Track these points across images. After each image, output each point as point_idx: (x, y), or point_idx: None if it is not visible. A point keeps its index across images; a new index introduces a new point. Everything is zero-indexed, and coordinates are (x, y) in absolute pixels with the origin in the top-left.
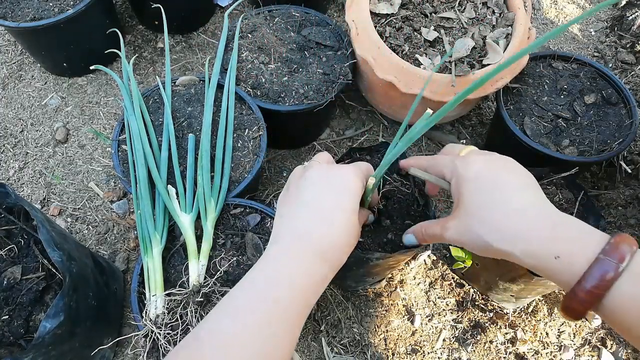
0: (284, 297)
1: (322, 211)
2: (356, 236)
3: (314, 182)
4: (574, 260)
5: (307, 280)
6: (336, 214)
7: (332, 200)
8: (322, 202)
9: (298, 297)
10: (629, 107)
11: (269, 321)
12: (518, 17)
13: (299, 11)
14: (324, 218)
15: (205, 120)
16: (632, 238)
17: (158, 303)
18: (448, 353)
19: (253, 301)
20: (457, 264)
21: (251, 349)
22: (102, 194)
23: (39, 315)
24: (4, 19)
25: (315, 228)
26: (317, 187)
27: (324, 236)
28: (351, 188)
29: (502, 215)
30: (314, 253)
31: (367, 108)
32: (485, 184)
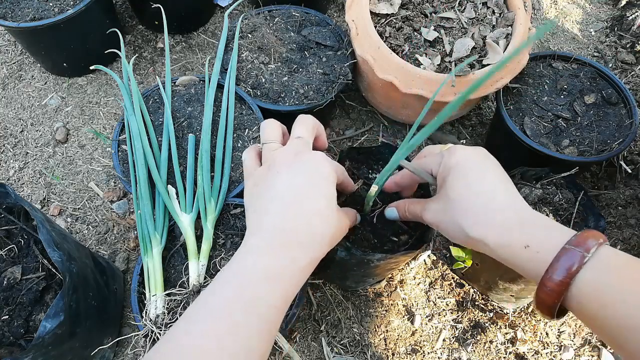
0: (262, 296)
1: (296, 203)
2: (338, 227)
3: (283, 170)
4: (542, 249)
5: (285, 277)
6: (310, 203)
7: (305, 188)
8: (294, 190)
9: (276, 295)
10: (629, 107)
11: (247, 322)
12: (518, 17)
13: (299, 11)
14: (299, 210)
15: (205, 120)
16: (600, 233)
17: (158, 303)
18: (448, 353)
19: (230, 302)
20: (457, 264)
21: (229, 350)
22: (102, 194)
23: (39, 315)
24: (4, 19)
25: (290, 221)
26: (286, 175)
27: (300, 230)
28: (323, 173)
29: (479, 204)
30: (291, 248)
31: (367, 108)
32: (468, 171)
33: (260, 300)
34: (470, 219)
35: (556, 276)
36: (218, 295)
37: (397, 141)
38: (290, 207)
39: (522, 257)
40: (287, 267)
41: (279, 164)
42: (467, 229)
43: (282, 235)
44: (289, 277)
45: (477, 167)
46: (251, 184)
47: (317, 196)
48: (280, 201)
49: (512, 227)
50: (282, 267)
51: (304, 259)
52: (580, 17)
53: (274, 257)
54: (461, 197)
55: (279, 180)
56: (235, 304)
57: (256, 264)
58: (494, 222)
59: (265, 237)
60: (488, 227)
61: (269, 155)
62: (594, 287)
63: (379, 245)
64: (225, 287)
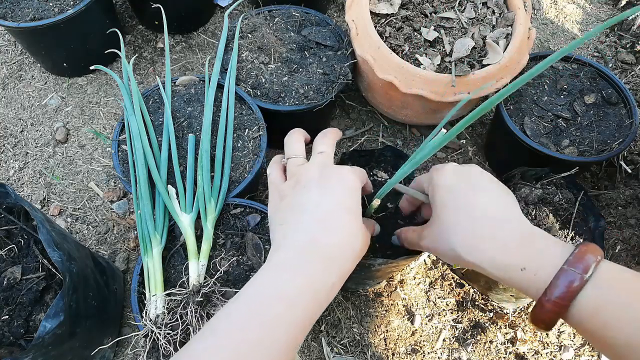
0: (283, 314)
1: (324, 216)
2: (364, 241)
3: (311, 185)
4: (539, 272)
5: (312, 295)
6: (341, 217)
7: (334, 203)
8: (324, 205)
9: (300, 314)
10: (629, 107)
11: (263, 341)
12: (518, 17)
13: (299, 11)
14: (328, 223)
15: (205, 120)
16: (597, 247)
17: (158, 303)
18: (448, 353)
19: (249, 319)
20: None
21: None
22: (102, 194)
23: (39, 315)
24: (4, 19)
25: (321, 235)
26: (316, 190)
27: (331, 244)
28: (351, 187)
29: (470, 224)
30: (321, 262)
31: (367, 108)
32: (456, 190)
33: (279, 320)
34: (463, 243)
35: (555, 297)
36: (235, 310)
37: (397, 142)
38: (320, 222)
39: (519, 279)
40: (315, 282)
41: (306, 179)
42: (462, 254)
43: (313, 250)
44: (316, 293)
45: (468, 186)
46: (277, 197)
47: (347, 211)
48: (309, 216)
49: (507, 248)
50: (310, 283)
51: (335, 273)
52: (580, 17)
53: (302, 274)
54: (452, 220)
55: (307, 196)
56: (252, 321)
57: (281, 280)
58: (487, 245)
59: (295, 252)
60: (481, 251)
61: (295, 170)
62: (594, 306)
63: (381, 250)
64: (242, 304)
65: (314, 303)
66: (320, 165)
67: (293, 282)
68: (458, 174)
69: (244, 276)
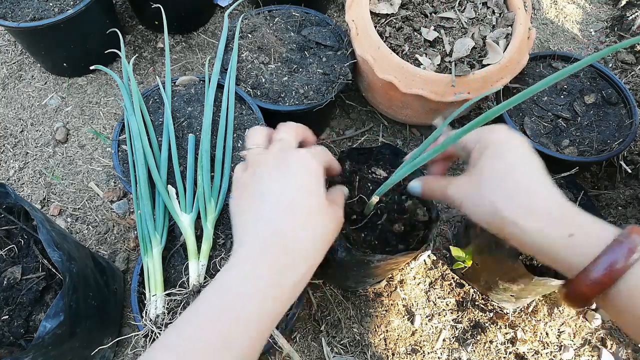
0: (254, 309)
1: (286, 204)
2: (333, 220)
3: (269, 171)
4: (590, 240)
5: (280, 288)
6: (303, 202)
7: (295, 189)
8: (285, 193)
9: (270, 307)
10: (629, 107)
11: (234, 335)
12: (518, 17)
13: (299, 11)
14: (292, 209)
15: (205, 120)
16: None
17: (158, 303)
18: (448, 353)
19: (220, 313)
20: (457, 264)
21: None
22: (102, 194)
23: (39, 315)
24: (4, 19)
25: (284, 224)
26: (274, 176)
27: (296, 229)
28: (311, 169)
29: (520, 185)
30: (288, 253)
31: (367, 108)
32: (512, 151)
33: (251, 314)
34: (506, 197)
35: (603, 268)
36: (204, 307)
37: (397, 141)
38: (283, 211)
39: (561, 246)
40: (283, 275)
41: (264, 166)
42: (500, 207)
43: (277, 241)
44: (285, 287)
45: (522, 152)
46: (237, 192)
47: (309, 194)
48: (270, 206)
49: (554, 214)
50: (277, 275)
51: (304, 263)
52: (580, 17)
53: (269, 267)
54: (499, 174)
55: (267, 184)
56: (224, 315)
57: (249, 273)
58: (533, 205)
59: (259, 245)
60: (526, 210)
61: (254, 159)
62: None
63: (380, 247)
64: (211, 300)
65: (284, 296)
66: (278, 151)
67: (260, 277)
68: (514, 136)
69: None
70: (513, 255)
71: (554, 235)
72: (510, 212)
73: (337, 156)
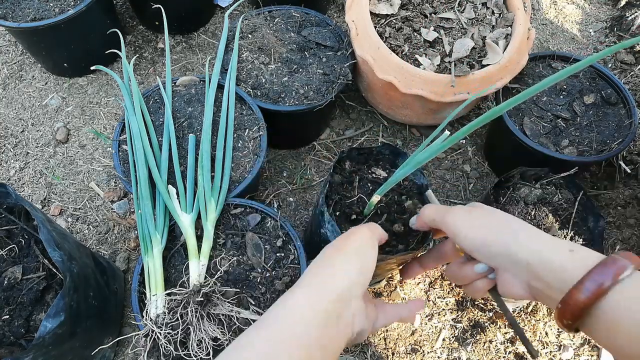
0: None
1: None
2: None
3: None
4: (587, 255)
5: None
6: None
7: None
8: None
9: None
10: (629, 107)
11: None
12: (517, 17)
13: (299, 12)
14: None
15: (206, 120)
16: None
17: (158, 303)
18: (448, 353)
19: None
20: None
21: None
22: (102, 193)
23: (39, 315)
24: (4, 19)
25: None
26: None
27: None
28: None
29: (512, 223)
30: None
31: (367, 108)
32: (491, 210)
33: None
34: (508, 223)
35: (599, 278)
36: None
37: (397, 142)
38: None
39: (561, 257)
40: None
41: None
42: (508, 238)
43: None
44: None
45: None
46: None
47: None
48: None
49: (553, 241)
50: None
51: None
52: (580, 18)
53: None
54: (494, 212)
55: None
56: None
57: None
58: (533, 238)
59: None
60: (529, 240)
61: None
62: (625, 306)
63: (379, 247)
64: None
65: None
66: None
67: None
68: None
69: (244, 276)
70: None
71: (556, 248)
72: (516, 241)
73: (337, 157)
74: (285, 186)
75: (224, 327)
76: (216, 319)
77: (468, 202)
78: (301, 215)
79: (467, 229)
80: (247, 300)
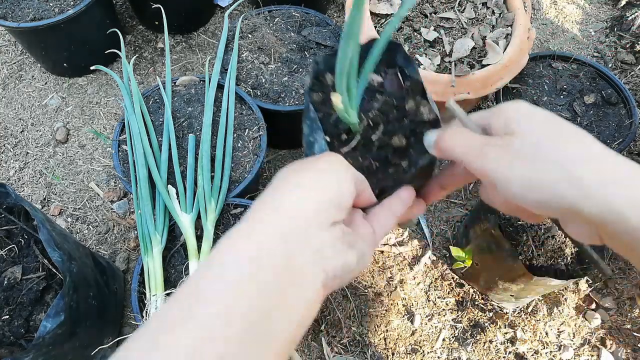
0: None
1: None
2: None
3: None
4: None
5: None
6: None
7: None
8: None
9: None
10: (629, 107)
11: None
12: (518, 17)
13: (299, 11)
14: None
15: (206, 120)
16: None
17: (158, 303)
18: (448, 353)
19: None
20: (457, 263)
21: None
22: (102, 193)
23: (39, 315)
24: (4, 19)
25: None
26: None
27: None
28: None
29: (584, 152)
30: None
31: None
32: (550, 118)
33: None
34: (579, 161)
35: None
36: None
37: None
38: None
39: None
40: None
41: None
42: (576, 174)
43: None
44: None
45: (559, 120)
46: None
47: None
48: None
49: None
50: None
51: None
52: (580, 17)
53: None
54: (552, 143)
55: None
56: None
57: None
58: (614, 171)
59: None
60: (621, 184)
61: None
62: None
63: (381, 170)
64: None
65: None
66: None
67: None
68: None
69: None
70: (513, 255)
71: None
72: (591, 179)
73: (312, 71)
74: None
75: None
76: None
77: (470, 203)
78: None
79: (514, 183)
80: None
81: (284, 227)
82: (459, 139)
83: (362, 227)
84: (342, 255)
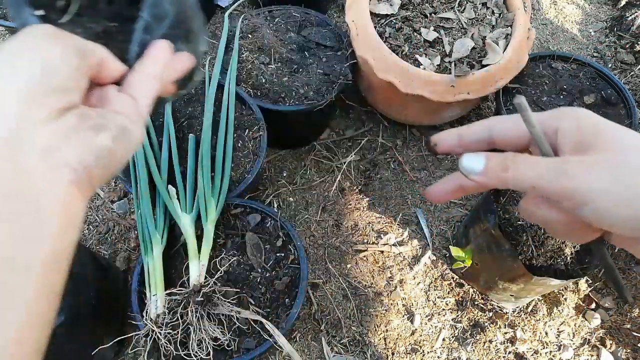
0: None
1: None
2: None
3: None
4: None
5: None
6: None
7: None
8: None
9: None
10: (629, 107)
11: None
12: (517, 17)
13: (299, 11)
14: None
15: (206, 120)
16: None
17: (158, 303)
18: (447, 352)
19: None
20: (457, 263)
21: None
22: (102, 193)
23: None
24: (4, 19)
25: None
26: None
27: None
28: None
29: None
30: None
31: (367, 108)
32: (627, 131)
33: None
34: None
35: None
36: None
37: (397, 142)
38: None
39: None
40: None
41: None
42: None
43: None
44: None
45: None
46: None
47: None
48: None
49: None
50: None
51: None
52: (580, 18)
53: None
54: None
55: None
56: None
57: None
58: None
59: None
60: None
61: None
62: None
63: (120, 29)
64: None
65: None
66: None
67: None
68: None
69: (244, 276)
70: (513, 255)
71: None
72: None
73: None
74: (285, 186)
75: (224, 327)
76: (216, 319)
77: (470, 208)
78: (301, 215)
79: (610, 201)
80: (247, 300)
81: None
82: (526, 167)
83: (117, 101)
84: (86, 142)
